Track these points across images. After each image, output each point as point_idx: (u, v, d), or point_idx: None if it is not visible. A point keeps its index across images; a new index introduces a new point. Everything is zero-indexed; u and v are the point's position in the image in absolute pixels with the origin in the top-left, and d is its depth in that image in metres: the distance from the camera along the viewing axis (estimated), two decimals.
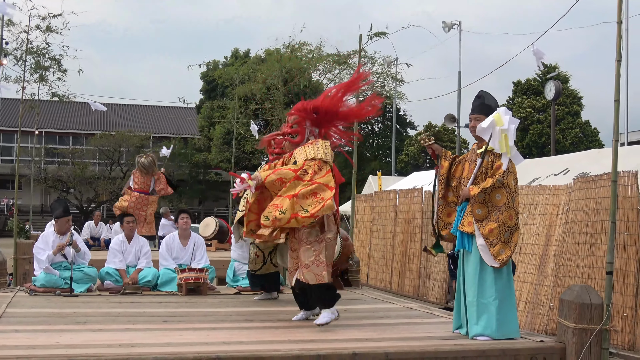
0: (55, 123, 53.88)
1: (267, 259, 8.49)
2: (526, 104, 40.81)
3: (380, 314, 7.72)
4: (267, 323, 6.86)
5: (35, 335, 5.91)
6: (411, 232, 17.13)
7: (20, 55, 17.09)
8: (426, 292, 16.08)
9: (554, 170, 13.69)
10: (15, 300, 8.25)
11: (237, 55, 43.04)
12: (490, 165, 5.88)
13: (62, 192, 45.69)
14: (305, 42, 35.53)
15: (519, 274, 11.86)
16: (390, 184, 24.05)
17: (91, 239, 16.32)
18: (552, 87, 22.94)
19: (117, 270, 9.46)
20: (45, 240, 9.24)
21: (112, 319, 7.05)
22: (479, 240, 5.79)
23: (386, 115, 45.96)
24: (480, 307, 5.81)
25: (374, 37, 14.59)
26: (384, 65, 35.05)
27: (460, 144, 27.82)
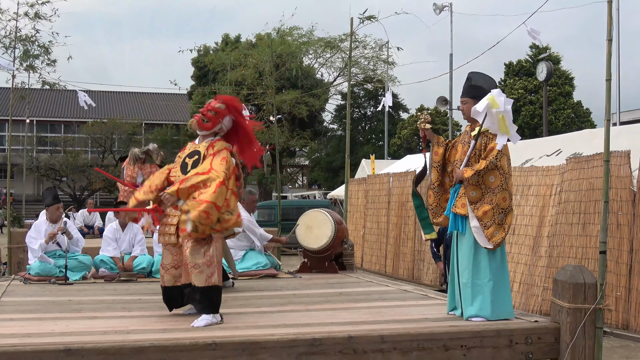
0: (46, 111, 53.71)
1: None
2: (518, 86, 40.83)
3: (375, 296, 7.74)
4: (263, 307, 6.87)
5: (31, 323, 5.91)
6: (405, 215, 17.15)
7: (10, 43, 16.97)
8: (420, 275, 16.13)
9: (547, 151, 13.72)
10: (10, 289, 8.25)
11: (227, 41, 42.84)
12: (484, 147, 5.88)
13: (55, 180, 45.56)
14: (295, 27, 35.49)
15: (513, 255, 11.91)
16: (383, 167, 24.07)
17: (85, 227, 16.29)
18: (543, 68, 22.96)
19: (111, 257, 9.46)
20: (38, 229, 9.24)
21: (107, 306, 7.06)
22: (473, 222, 5.80)
23: (378, 99, 45.92)
24: (474, 289, 5.83)
25: (366, 20, 14.55)
26: (376, 48, 35.02)
27: (452, 127, 27.81)
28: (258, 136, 33.01)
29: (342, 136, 45.32)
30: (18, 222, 24.72)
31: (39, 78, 19.13)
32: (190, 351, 5.01)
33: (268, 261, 9.66)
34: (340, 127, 46.93)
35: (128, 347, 4.93)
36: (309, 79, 37.65)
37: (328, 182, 45.89)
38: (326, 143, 47.77)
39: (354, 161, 32.89)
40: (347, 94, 14.76)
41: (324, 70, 40.89)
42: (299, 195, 42.28)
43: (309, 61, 38.93)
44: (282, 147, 33.87)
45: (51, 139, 49.04)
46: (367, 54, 36.71)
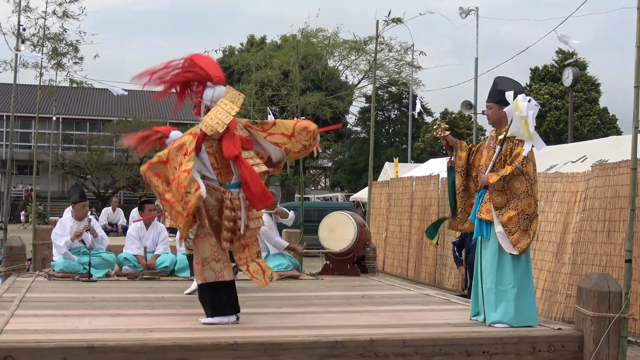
0: (73, 109, 54.10)
1: None
2: (544, 91, 40.60)
3: (397, 300, 7.73)
4: (284, 308, 6.88)
5: (55, 320, 5.96)
6: (427, 219, 17.09)
7: (38, 41, 17.12)
8: (442, 279, 16.07)
9: (572, 158, 13.61)
10: (35, 285, 8.32)
11: (252, 42, 43.01)
12: (509, 153, 5.84)
13: (80, 178, 45.90)
14: (321, 29, 35.53)
15: (536, 262, 11.83)
16: (406, 171, 24.03)
17: (109, 225, 16.40)
18: (569, 74, 22.79)
19: (135, 255, 9.52)
20: (63, 226, 9.31)
21: (130, 304, 7.11)
22: (498, 228, 5.77)
23: (402, 102, 45.86)
24: (498, 294, 5.80)
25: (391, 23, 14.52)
26: (401, 52, 34.97)
27: (477, 131, 27.70)
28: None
29: (365, 139, 45.31)
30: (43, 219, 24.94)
31: (66, 76, 19.29)
32: (212, 351, 5.03)
33: (290, 263, 9.68)
34: (364, 130, 46.92)
35: (150, 346, 4.96)
36: (334, 81, 37.68)
37: (351, 184, 45.89)
38: (349, 145, 47.78)
39: (377, 164, 32.85)
40: (372, 97, 14.75)
41: (348, 73, 40.93)
42: (321, 197, 42.30)
43: (334, 63, 38.97)
44: None
45: (76, 137, 49.39)
46: (392, 56, 36.67)
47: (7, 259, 9.43)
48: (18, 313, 6.17)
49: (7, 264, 9.36)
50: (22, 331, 5.30)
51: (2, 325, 5.39)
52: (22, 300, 6.95)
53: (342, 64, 39.49)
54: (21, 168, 50.03)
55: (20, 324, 5.60)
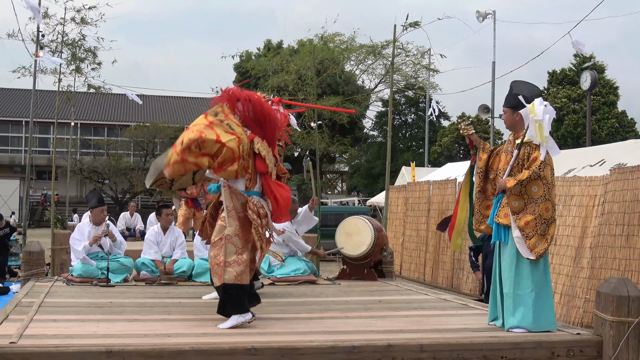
0: (91, 114, 54.40)
1: None
2: (561, 94, 40.41)
3: (414, 305, 7.71)
4: (301, 314, 6.88)
5: (73, 324, 5.99)
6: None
7: (56, 47, 17.24)
8: (460, 284, 16.01)
9: (590, 161, 13.53)
10: (53, 290, 8.37)
11: (269, 47, 43.09)
12: (527, 157, 5.83)
13: (98, 183, 46.12)
14: (337, 33, 35.54)
15: (554, 266, 11.76)
16: (423, 175, 23.96)
17: (126, 230, 16.47)
18: (587, 77, 22.67)
19: (152, 260, 9.55)
20: (81, 231, 9.36)
21: (148, 309, 7.13)
22: (515, 233, 5.75)
23: (419, 106, 45.78)
24: (516, 299, 5.78)
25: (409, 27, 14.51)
26: (417, 55, 34.92)
27: (494, 135, 27.61)
28: (298, 142, 33.16)
29: (382, 143, 45.27)
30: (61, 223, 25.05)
31: (84, 81, 19.42)
32: (230, 355, 5.04)
33: (307, 267, 9.68)
34: (381, 134, 46.87)
35: (168, 350, 4.98)
36: (350, 86, 37.67)
37: (367, 188, 45.84)
38: (366, 150, 47.73)
39: (394, 168, 32.79)
40: (389, 101, 14.74)
41: (365, 77, 40.91)
42: (338, 201, 42.27)
43: (351, 67, 38.96)
44: (322, 153, 33.89)
45: (95, 142, 49.62)
46: (408, 60, 36.63)
47: (26, 264, 9.49)
48: (37, 318, 6.22)
49: (26, 268, 9.42)
50: (41, 336, 5.33)
51: (21, 330, 5.43)
52: (41, 305, 6.99)
53: (359, 69, 39.48)
54: (39, 173, 50.32)
55: (39, 329, 5.63)
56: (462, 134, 6.32)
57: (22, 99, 53.56)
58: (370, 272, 10.01)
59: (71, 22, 17.07)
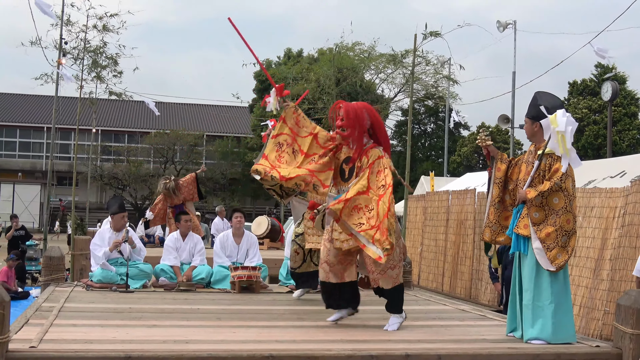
0: (112, 121, 54.76)
1: (306, 256, 8.47)
2: (582, 105, 40.19)
3: (432, 315, 7.69)
4: (320, 322, 6.88)
5: (92, 330, 6.02)
6: (463, 233, 17.00)
7: (78, 54, 17.37)
8: (478, 295, 15.95)
9: (611, 173, 13.46)
10: (73, 295, 8.42)
11: (289, 55, 43.23)
12: (548, 168, 5.81)
13: (118, 189, 46.42)
14: (358, 42, 35.57)
15: (574, 278, 11.70)
16: (442, 184, 23.90)
17: (146, 236, 16.52)
18: (608, 88, 22.54)
19: (171, 267, 9.59)
20: (101, 236, 9.42)
21: (166, 315, 7.16)
22: (535, 244, 5.73)
23: (439, 115, 45.71)
24: (536, 311, 5.75)
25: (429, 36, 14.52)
26: (437, 65, 34.87)
27: (514, 145, 27.51)
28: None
29: (401, 152, 45.17)
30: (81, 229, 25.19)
31: (105, 88, 19.56)
32: None
33: None
34: (400, 143, 46.81)
35: (186, 357, 4.99)
36: (370, 94, 37.67)
37: None
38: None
39: (413, 177, 32.75)
40: (409, 110, 14.74)
41: (384, 86, 40.89)
42: None
43: (370, 76, 38.97)
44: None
45: (115, 149, 49.97)
46: (428, 70, 36.57)
47: (46, 269, 9.56)
48: (57, 323, 6.25)
49: (47, 273, 9.48)
50: (61, 341, 5.37)
51: (41, 335, 5.46)
52: (61, 310, 7.04)
53: (379, 77, 39.48)
54: (60, 179, 50.70)
55: (59, 334, 5.66)
56: (479, 144, 6.31)
57: (44, 105, 54.03)
58: None
59: (93, 30, 17.21)
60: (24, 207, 45.92)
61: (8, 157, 54.95)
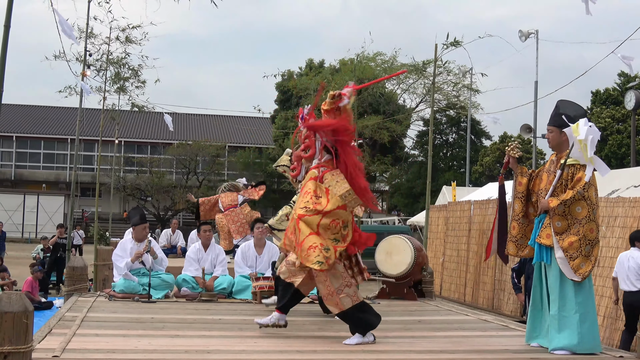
0: (134, 132, 55.12)
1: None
2: (605, 114, 39.92)
3: (454, 325, 7.66)
4: (342, 332, 6.85)
5: (115, 339, 6.06)
6: (485, 243, 16.90)
7: (101, 66, 17.52)
8: (501, 305, 15.85)
9: (634, 182, 13.36)
10: (96, 305, 8.47)
11: (311, 66, 43.34)
12: (570, 177, 5.77)
13: (140, 200, 46.67)
14: (379, 52, 35.62)
15: (597, 288, 11.60)
16: (464, 194, 23.83)
17: (168, 245, 16.58)
18: (632, 97, 22.39)
19: (193, 277, 9.62)
20: (123, 247, 9.47)
21: (188, 325, 7.18)
22: (558, 253, 5.69)
23: (460, 125, 45.58)
24: (561, 321, 5.70)
25: (450, 46, 14.51)
26: (459, 75, 34.82)
27: (536, 155, 27.34)
28: None
29: (423, 162, 45.12)
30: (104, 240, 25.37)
31: (128, 100, 19.69)
32: None
33: None
34: (422, 153, 46.73)
35: None
36: (391, 105, 37.68)
37: (408, 208, 45.65)
38: (407, 169, 47.59)
39: (435, 188, 32.63)
40: (430, 120, 14.72)
41: (406, 96, 40.90)
42: (378, 220, 42.16)
43: (392, 86, 38.98)
44: None
45: (138, 160, 50.26)
46: (450, 79, 36.54)
47: (69, 279, 9.62)
48: (80, 332, 6.29)
49: (70, 283, 9.55)
50: (84, 350, 5.40)
51: (64, 344, 5.50)
52: (84, 320, 7.08)
53: (400, 88, 39.48)
54: (83, 190, 51.08)
55: (82, 343, 5.70)
56: (508, 152, 6.26)
57: (68, 117, 54.53)
58: (410, 292, 9.96)
59: (116, 41, 17.34)
60: (48, 218, 46.22)
61: (32, 169, 55.48)
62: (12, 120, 53.27)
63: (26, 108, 57.84)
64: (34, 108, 58.96)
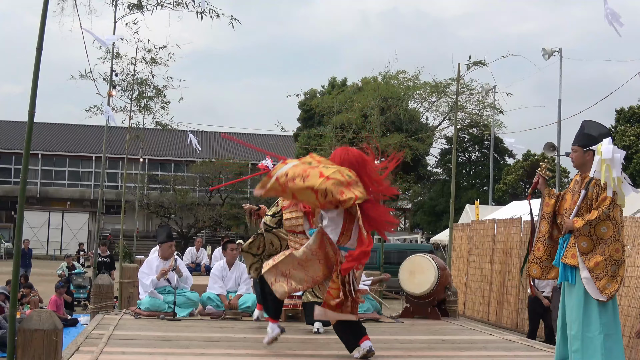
0: (158, 150, 55.53)
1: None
2: (630, 133, 39.66)
3: (478, 345, 7.65)
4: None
5: (141, 357, 6.13)
6: (509, 262, 16.85)
7: (127, 86, 17.70)
8: (525, 325, 15.74)
9: None
10: (122, 322, 8.55)
11: (334, 84, 43.53)
12: (595, 197, 5.77)
13: (164, 217, 46.92)
14: (402, 71, 35.67)
15: (622, 308, 11.52)
16: (487, 213, 23.75)
17: (192, 264, 16.69)
18: None
19: (218, 295, 9.68)
20: (150, 265, 9.57)
21: (214, 343, 7.24)
22: (584, 274, 5.68)
23: (484, 143, 45.46)
24: (585, 341, 5.68)
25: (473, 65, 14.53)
26: (482, 93, 34.79)
27: (560, 173, 27.24)
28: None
29: (445, 180, 45.01)
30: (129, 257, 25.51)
31: (153, 119, 19.85)
32: None
33: (370, 305, 9.68)
34: (445, 172, 46.64)
35: None
36: (414, 123, 37.68)
37: (430, 226, 45.51)
38: (429, 187, 47.51)
39: (458, 206, 32.48)
40: (453, 139, 14.74)
41: (429, 114, 40.90)
42: (401, 239, 42.09)
43: (414, 105, 39.01)
44: None
45: (161, 177, 50.60)
46: (472, 98, 36.50)
47: (95, 297, 9.72)
48: (106, 350, 6.37)
49: (96, 301, 9.65)
50: None
51: None
52: (110, 338, 7.15)
53: (423, 106, 39.51)
54: (107, 207, 51.48)
55: None
56: (539, 173, 6.28)
57: (93, 135, 55.06)
58: (433, 311, 9.96)
59: (142, 62, 17.52)
60: (72, 235, 46.63)
61: (57, 186, 56.03)
62: (38, 138, 53.88)
63: (51, 126, 58.50)
64: (59, 126, 59.64)
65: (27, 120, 6.12)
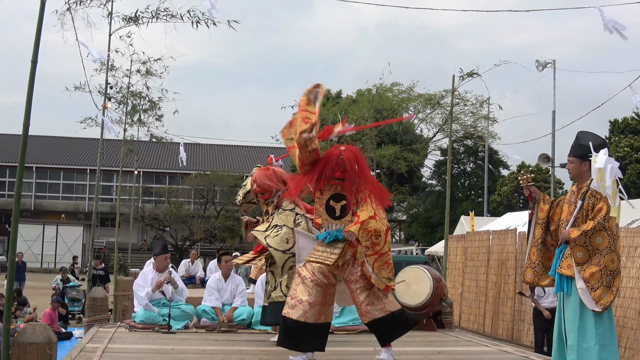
0: (153, 163, 55.53)
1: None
2: (624, 144, 39.79)
3: (474, 356, 7.63)
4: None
5: None
6: (505, 274, 16.85)
7: (122, 99, 17.69)
8: (520, 336, 15.75)
9: None
10: (116, 336, 8.50)
11: (328, 96, 43.58)
12: (591, 208, 5.79)
13: (159, 230, 46.85)
14: (396, 83, 35.76)
15: (618, 319, 11.53)
16: (482, 224, 23.76)
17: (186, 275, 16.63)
18: None
19: (213, 308, 9.65)
20: (145, 277, 9.54)
21: (208, 356, 7.21)
22: (579, 284, 5.69)
23: (478, 155, 45.57)
24: (581, 352, 5.68)
25: (466, 77, 14.58)
26: (476, 105, 34.87)
27: (554, 184, 27.29)
28: None
29: (440, 192, 45.07)
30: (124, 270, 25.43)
31: (147, 131, 19.83)
32: None
33: None
34: (439, 183, 46.71)
35: None
36: (409, 135, 37.76)
37: (426, 237, 45.55)
38: (424, 198, 47.56)
39: (453, 217, 32.56)
40: (448, 150, 14.77)
41: (423, 126, 40.97)
42: (396, 250, 42.10)
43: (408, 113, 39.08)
44: None
45: (156, 190, 50.56)
46: (467, 110, 36.59)
47: (90, 310, 9.68)
48: None
49: (90, 314, 9.61)
50: None
51: None
52: (105, 351, 7.11)
53: (417, 118, 39.58)
54: (102, 220, 51.36)
55: None
56: (522, 184, 6.32)
57: (87, 148, 55.06)
58: (429, 323, 9.94)
59: (136, 74, 17.50)
60: (67, 248, 46.53)
61: (52, 199, 55.94)
62: (32, 151, 53.88)
63: (45, 139, 58.48)
64: (53, 139, 59.63)
65: (21, 133, 6.11)
